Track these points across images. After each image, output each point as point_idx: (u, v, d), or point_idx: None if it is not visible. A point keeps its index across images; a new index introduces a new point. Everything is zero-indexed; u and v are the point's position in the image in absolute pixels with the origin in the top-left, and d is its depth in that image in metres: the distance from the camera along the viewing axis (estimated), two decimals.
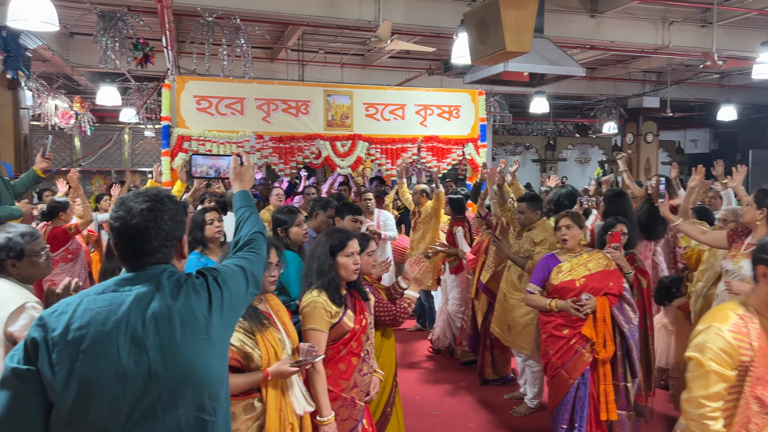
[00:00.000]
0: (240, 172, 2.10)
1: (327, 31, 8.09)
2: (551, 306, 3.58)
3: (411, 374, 5.35)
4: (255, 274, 1.80)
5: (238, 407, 2.25)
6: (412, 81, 10.25)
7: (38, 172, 4.30)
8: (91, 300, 1.51)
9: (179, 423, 1.51)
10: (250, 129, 6.11)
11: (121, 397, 1.46)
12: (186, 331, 1.53)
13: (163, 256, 1.60)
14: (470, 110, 6.78)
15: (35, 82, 8.06)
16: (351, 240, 2.82)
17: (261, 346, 2.27)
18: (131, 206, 1.57)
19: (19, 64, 5.95)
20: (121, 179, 12.87)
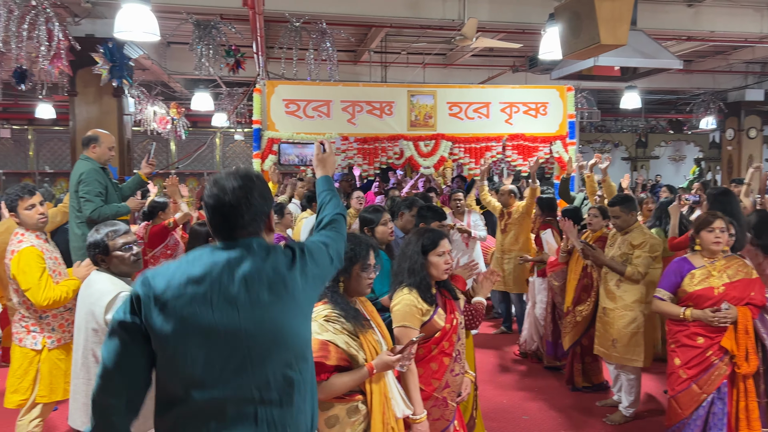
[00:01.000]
0: (323, 159, 2.21)
1: (410, 31, 8.11)
2: (685, 315, 3.31)
3: (497, 378, 5.26)
4: (338, 251, 1.90)
5: (341, 410, 2.26)
6: (496, 79, 10.10)
7: (143, 176, 4.57)
8: (188, 262, 1.65)
9: (268, 378, 1.62)
10: (335, 131, 6.21)
11: (214, 351, 1.58)
12: (273, 291, 1.63)
13: (254, 229, 1.71)
14: (558, 107, 6.58)
15: (137, 89, 8.57)
16: (443, 239, 2.81)
17: (364, 347, 2.28)
18: (224, 185, 1.68)
19: (124, 73, 6.33)
20: None
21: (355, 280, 2.39)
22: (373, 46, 8.60)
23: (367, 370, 2.26)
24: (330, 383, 2.22)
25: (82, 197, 4.05)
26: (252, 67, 7.56)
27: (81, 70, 6.44)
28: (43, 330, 3.29)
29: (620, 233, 4.35)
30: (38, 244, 3.24)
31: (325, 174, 2.18)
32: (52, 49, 5.29)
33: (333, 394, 2.24)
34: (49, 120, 11.47)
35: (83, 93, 6.68)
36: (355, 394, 2.29)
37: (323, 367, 2.20)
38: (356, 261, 2.38)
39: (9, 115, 13.08)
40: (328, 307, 2.31)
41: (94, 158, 4.22)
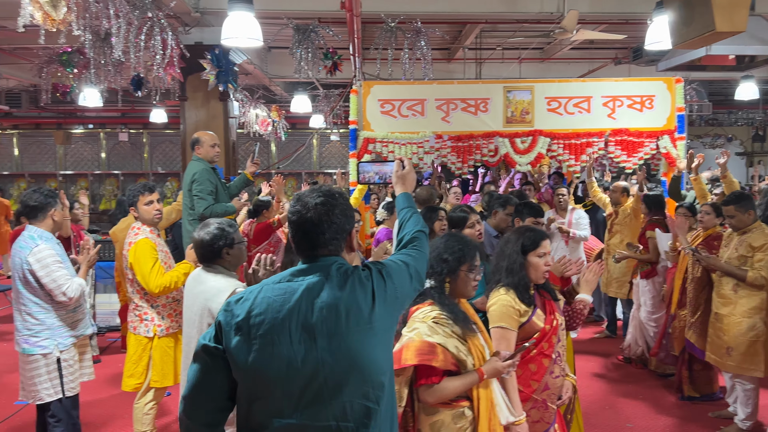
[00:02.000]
0: (402, 176, 2.17)
1: (505, 26, 7.97)
2: None
3: (599, 383, 5.06)
4: (418, 271, 1.84)
5: (447, 416, 2.24)
6: (596, 72, 9.71)
7: (248, 175, 4.80)
8: (269, 289, 1.65)
9: (344, 409, 1.59)
10: (430, 129, 6.21)
11: (292, 380, 1.58)
12: (351, 320, 1.60)
13: (335, 248, 1.70)
14: (666, 100, 6.21)
15: (241, 93, 8.99)
16: (544, 240, 2.73)
17: (473, 352, 2.26)
18: (307, 201, 1.69)
19: (229, 78, 6.67)
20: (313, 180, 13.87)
21: (461, 282, 2.36)
22: (468, 42, 8.52)
23: (478, 375, 2.23)
24: (441, 387, 2.20)
25: (196, 195, 4.33)
26: (347, 69, 7.72)
27: (190, 76, 6.84)
28: (154, 318, 3.54)
29: (737, 233, 4.05)
30: (152, 237, 3.50)
31: (404, 191, 2.15)
32: (165, 57, 5.65)
33: (442, 398, 2.22)
34: (161, 124, 12.28)
35: (192, 98, 7.10)
36: (461, 399, 2.25)
37: (432, 370, 2.19)
38: (464, 262, 2.35)
39: (126, 120, 14.13)
40: (436, 309, 2.29)
41: (203, 158, 4.50)
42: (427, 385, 2.21)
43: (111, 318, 6.53)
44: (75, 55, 6.90)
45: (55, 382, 3.30)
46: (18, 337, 3.29)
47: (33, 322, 3.26)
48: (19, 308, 3.28)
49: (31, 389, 3.30)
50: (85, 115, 13.71)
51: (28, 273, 3.20)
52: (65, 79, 7.64)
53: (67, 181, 14.38)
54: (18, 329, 3.29)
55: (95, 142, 14.58)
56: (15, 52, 8.48)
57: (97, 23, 4.99)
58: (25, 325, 3.27)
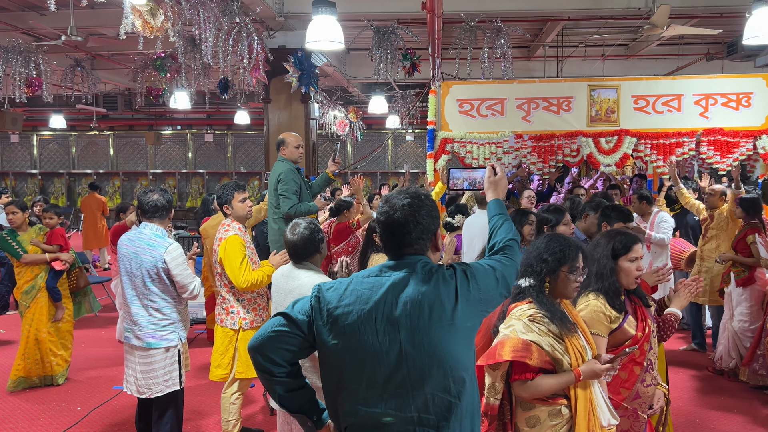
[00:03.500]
0: (494, 182, 2.16)
1: (588, 23, 7.74)
2: None
3: (688, 394, 4.82)
4: (506, 277, 1.84)
5: (543, 412, 2.24)
6: (686, 69, 9.26)
7: (330, 174, 4.90)
8: (358, 282, 1.73)
9: (426, 401, 1.64)
10: (509, 129, 6.13)
11: (377, 370, 1.65)
12: (433, 315, 1.65)
13: (420, 247, 1.75)
14: (764, 97, 5.84)
15: (320, 95, 9.19)
16: (636, 244, 2.63)
17: (570, 352, 2.24)
18: (395, 202, 1.75)
19: (311, 81, 6.84)
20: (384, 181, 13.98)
21: (561, 282, 2.34)
22: (548, 40, 8.34)
23: (575, 375, 2.21)
24: (535, 384, 2.21)
25: (281, 195, 4.47)
26: (425, 69, 7.73)
27: (274, 78, 7.07)
28: (240, 312, 3.67)
29: None
30: (241, 234, 3.64)
31: (496, 197, 2.15)
32: (251, 61, 5.86)
33: (536, 395, 2.23)
34: (244, 125, 12.74)
35: (275, 100, 7.33)
36: (559, 397, 2.24)
37: (526, 367, 2.20)
38: (565, 262, 2.33)
39: (212, 122, 14.76)
40: (533, 307, 2.29)
41: (287, 158, 4.63)
42: (520, 380, 2.23)
43: (198, 311, 6.84)
44: (168, 60, 7.27)
45: (174, 375, 3.43)
46: (141, 332, 3.36)
47: (160, 317, 3.37)
48: (144, 304, 3.36)
49: (150, 382, 3.39)
50: (173, 116, 14.43)
51: (162, 270, 3.33)
52: (158, 82, 8.08)
53: (156, 180, 15.17)
54: (141, 324, 3.36)
55: (182, 142, 15.31)
56: (112, 58, 9.04)
57: (189, 29, 5.25)
58: (151, 320, 3.36)
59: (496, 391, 2.28)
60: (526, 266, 2.36)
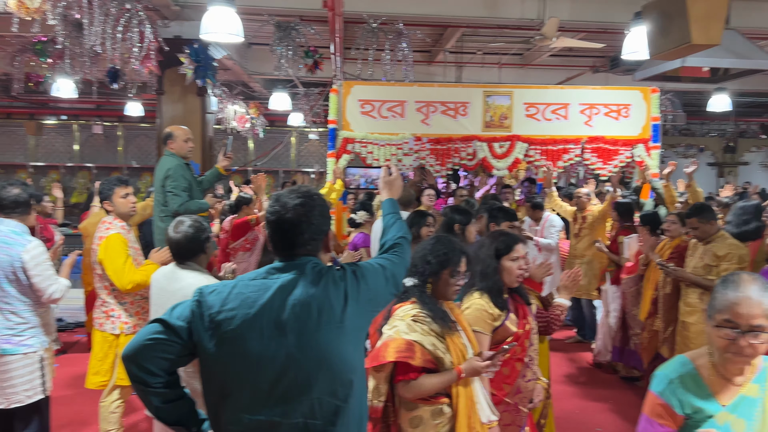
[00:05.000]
0: (389, 182, 2.20)
1: (486, 31, 8.00)
2: None
3: (570, 388, 5.11)
4: (395, 275, 1.86)
5: (426, 412, 2.27)
6: (575, 79, 9.81)
7: (221, 169, 4.74)
8: (244, 284, 1.67)
9: (313, 406, 1.61)
10: (409, 131, 6.22)
11: (262, 376, 1.60)
12: (322, 318, 1.62)
13: (312, 248, 1.72)
14: (641, 109, 6.31)
15: (219, 89, 8.90)
16: (518, 244, 2.74)
17: (451, 350, 2.28)
18: (286, 201, 1.70)
19: (207, 73, 6.59)
20: (286, 180, 13.77)
21: (442, 285, 2.39)
22: (449, 46, 8.55)
23: (456, 373, 2.25)
24: (418, 383, 2.23)
25: (170, 192, 4.25)
26: (328, 68, 7.68)
27: (168, 70, 6.74)
28: (121, 315, 3.47)
29: (701, 243, 4.12)
30: (123, 233, 3.43)
31: (390, 197, 2.18)
32: (143, 50, 5.56)
33: (420, 394, 2.25)
34: (137, 117, 12.09)
35: (169, 92, 7.00)
36: (441, 396, 2.28)
37: (410, 367, 2.22)
38: (447, 265, 2.37)
39: (101, 113, 13.89)
40: (416, 307, 2.32)
41: (176, 153, 4.41)
42: (404, 381, 2.25)
43: (79, 314, 6.41)
44: (49, 45, 6.75)
45: (35, 383, 3.17)
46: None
47: (17, 321, 3.11)
48: (0, 307, 3.10)
49: (9, 392, 3.12)
50: (58, 106, 13.43)
51: (20, 270, 3.07)
52: (39, 68, 7.49)
53: (37, 173, 14.07)
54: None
55: (68, 133, 14.29)
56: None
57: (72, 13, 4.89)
58: (7, 324, 3.10)
59: (379, 393, 2.29)
60: (411, 266, 2.39)
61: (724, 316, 1.66)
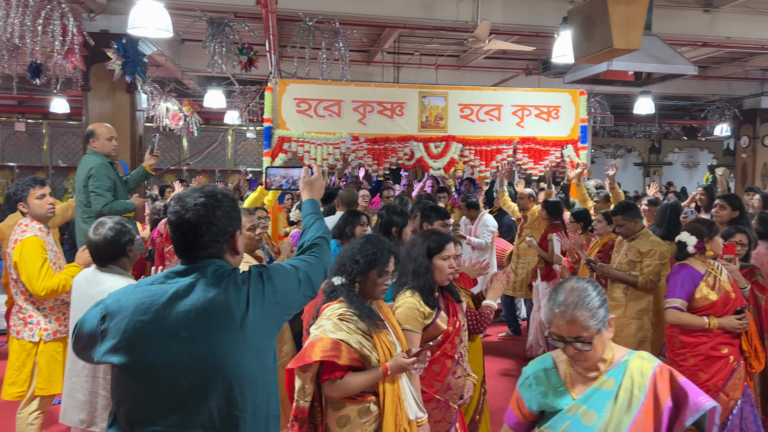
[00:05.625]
0: (309, 182, 2.17)
1: (423, 32, 8.10)
2: (711, 325, 3.20)
3: (503, 382, 5.23)
4: (310, 277, 1.81)
5: (353, 411, 2.26)
6: (509, 81, 10.06)
7: (147, 168, 4.58)
8: (141, 290, 1.61)
9: (211, 415, 1.55)
10: (346, 130, 6.20)
11: (156, 385, 1.55)
12: (218, 324, 1.56)
13: (215, 250, 1.65)
14: (570, 111, 6.52)
15: (150, 85, 8.62)
16: (449, 243, 2.78)
17: (378, 348, 2.28)
18: (187, 201, 1.63)
19: (137, 69, 6.37)
20: (222, 179, 13.50)
21: (370, 284, 2.39)
22: (386, 46, 8.59)
23: (382, 371, 2.26)
24: (344, 382, 2.23)
25: (93, 192, 4.08)
26: (265, 66, 7.58)
27: (95, 65, 6.48)
28: (40, 322, 3.31)
29: (626, 240, 4.31)
30: (41, 236, 3.27)
31: (311, 197, 2.15)
32: (66, 44, 5.32)
33: (346, 393, 2.25)
34: (63, 114, 11.57)
35: (96, 88, 6.73)
36: (368, 394, 2.29)
37: (335, 366, 2.21)
38: (375, 265, 2.37)
39: (24, 109, 13.21)
40: (343, 306, 2.31)
41: (99, 151, 4.23)
42: (330, 380, 2.25)
43: (1, 321, 6.06)
44: None
45: None
46: None
47: None
48: None
49: None
50: None
51: None
52: None
53: None
54: None
55: None
56: None
57: None
58: None
59: (305, 394, 2.27)
60: (340, 265, 2.40)
61: (551, 328, 1.76)
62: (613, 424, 1.72)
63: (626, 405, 1.73)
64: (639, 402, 1.72)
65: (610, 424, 1.72)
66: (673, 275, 3.37)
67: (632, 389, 1.74)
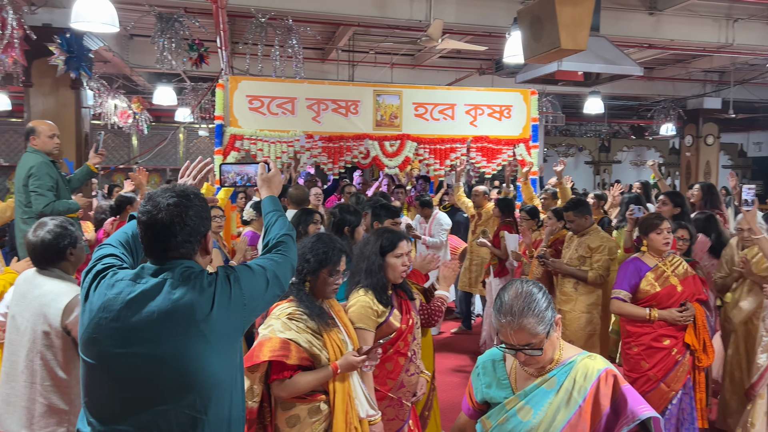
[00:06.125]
0: (267, 179, 2.12)
1: (378, 31, 8.09)
2: (652, 316, 3.33)
3: (456, 378, 5.28)
4: (278, 276, 1.79)
5: (303, 410, 2.24)
6: (463, 81, 10.16)
7: (92, 167, 4.43)
8: (109, 285, 1.60)
9: (169, 418, 1.54)
10: (300, 128, 6.15)
11: (116, 385, 1.55)
12: (180, 326, 1.55)
13: (187, 251, 1.64)
14: (522, 110, 6.64)
15: (96, 82, 8.35)
16: (401, 241, 2.79)
17: (328, 346, 2.27)
18: (159, 201, 1.61)
19: (82, 65, 6.15)
20: (174, 177, 13.18)
21: (321, 283, 2.37)
22: (341, 44, 8.56)
23: (332, 369, 2.25)
24: (293, 382, 2.21)
25: (34, 191, 3.91)
26: (217, 62, 7.44)
27: (37, 60, 6.22)
28: None
29: (577, 236, 4.41)
30: None
31: (270, 194, 2.10)
32: (5, 37, 5.10)
33: (295, 393, 2.23)
34: (4, 112, 11.09)
35: (39, 84, 6.46)
36: (318, 393, 2.27)
37: (284, 365, 2.19)
38: (326, 265, 2.35)
39: None
40: (292, 305, 2.30)
41: (40, 150, 4.07)
42: (279, 380, 2.23)
43: None
44: None
45: None
46: None
47: None
48: None
49: None
50: None
51: None
52: None
53: None
54: None
55: None
56: None
57: None
58: None
59: (254, 394, 2.25)
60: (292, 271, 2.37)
61: (499, 336, 1.75)
62: (546, 422, 1.72)
63: (563, 406, 1.72)
64: (576, 405, 1.71)
65: (543, 423, 1.72)
66: (621, 268, 3.53)
67: (572, 391, 1.73)
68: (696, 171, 12.51)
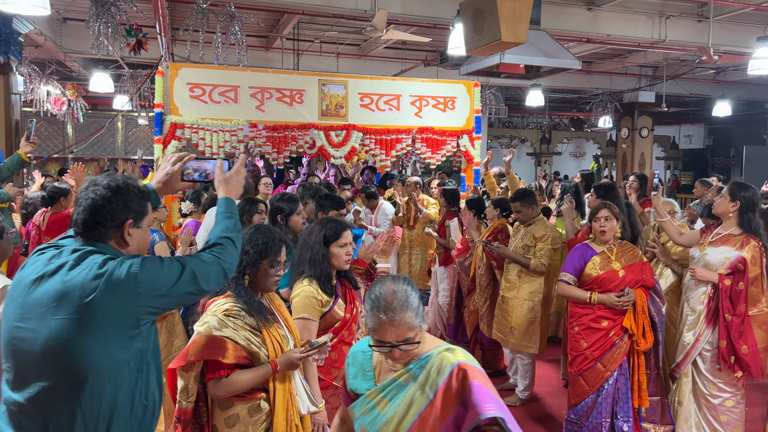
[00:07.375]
0: (225, 179, 2.03)
1: (323, 20, 8.03)
2: (591, 299, 3.49)
3: None
4: (196, 273, 1.73)
5: (242, 409, 2.19)
6: (408, 72, 10.22)
7: (23, 156, 4.25)
8: (29, 262, 1.72)
9: (49, 393, 1.59)
10: (243, 117, 6.05)
11: (11, 356, 1.65)
12: (64, 307, 1.58)
13: (98, 233, 1.70)
14: (465, 102, 6.74)
15: (27, 67, 7.97)
16: (345, 231, 2.80)
17: (267, 343, 2.20)
18: (96, 183, 1.73)
19: (11, 49, 5.87)
20: (115, 167, 12.76)
21: (261, 276, 2.29)
22: (286, 32, 8.45)
23: (272, 367, 2.18)
24: (230, 380, 2.14)
25: None
26: (156, 49, 7.22)
27: None
28: None
29: (523, 226, 4.53)
30: None
31: (226, 195, 2.00)
32: None
33: (233, 392, 2.16)
34: None
35: None
36: (258, 392, 2.21)
37: (220, 364, 2.13)
38: (266, 256, 2.27)
39: None
40: (230, 301, 2.22)
41: None
42: (215, 379, 2.15)
43: None
44: None
45: None
46: None
47: None
48: None
49: None
50: None
51: None
52: None
53: None
54: None
55: None
56: None
57: None
58: None
59: (189, 394, 2.18)
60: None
61: (374, 337, 1.72)
62: (399, 415, 1.71)
63: (416, 399, 1.70)
64: (427, 399, 1.68)
65: (397, 415, 1.71)
66: (570, 253, 3.72)
67: (425, 385, 1.70)
68: (632, 162, 13.01)
